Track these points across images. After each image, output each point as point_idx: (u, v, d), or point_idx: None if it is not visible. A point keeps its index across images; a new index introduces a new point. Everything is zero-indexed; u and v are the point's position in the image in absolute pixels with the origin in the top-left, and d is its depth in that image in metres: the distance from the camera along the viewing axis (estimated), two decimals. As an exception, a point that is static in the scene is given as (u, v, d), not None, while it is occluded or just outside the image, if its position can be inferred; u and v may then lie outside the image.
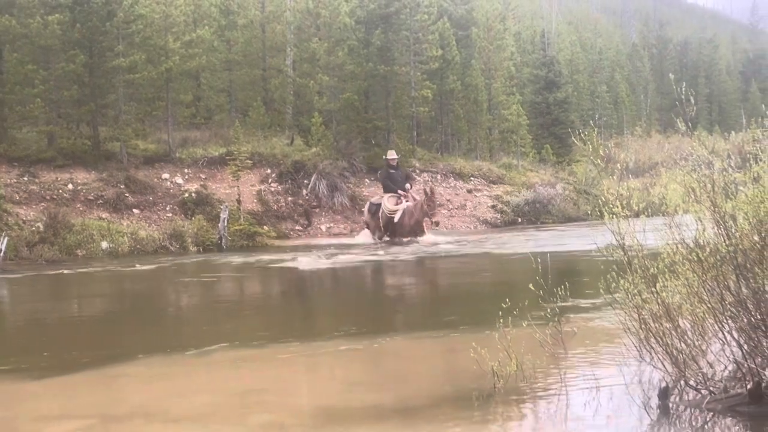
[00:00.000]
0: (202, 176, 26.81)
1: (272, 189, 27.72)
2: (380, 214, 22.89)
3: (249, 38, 33.14)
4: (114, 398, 6.46)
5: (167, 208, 24.72)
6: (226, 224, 22.52)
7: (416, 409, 5.77)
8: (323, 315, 11.32)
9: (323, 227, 27.42)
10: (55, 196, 23.08)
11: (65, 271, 17.16)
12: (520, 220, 30.13)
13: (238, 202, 24.28)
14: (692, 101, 5.97)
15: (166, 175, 26.28)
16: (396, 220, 22.10)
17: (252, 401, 6.15)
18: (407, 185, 23.59)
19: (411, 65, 32.59)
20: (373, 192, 29.50)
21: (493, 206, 30.69)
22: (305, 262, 17.48)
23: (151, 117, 28.26)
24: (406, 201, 22.58)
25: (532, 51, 53.05)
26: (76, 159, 24.88)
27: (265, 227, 24.66)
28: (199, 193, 25.40)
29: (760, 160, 5.63)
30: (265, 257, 19.36)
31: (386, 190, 23.50)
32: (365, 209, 24.49)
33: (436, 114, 35.91)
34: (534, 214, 30.42)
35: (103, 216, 23.08)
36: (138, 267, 17.74)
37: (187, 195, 25.22)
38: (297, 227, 26.95)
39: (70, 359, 7.91)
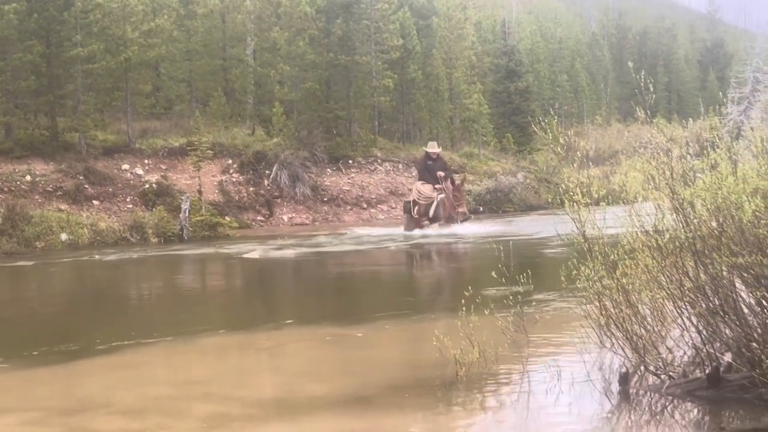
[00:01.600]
0: (163, 167, 26.58)
1: (233, 179, 27.57)
2: (413, 201, 22.39)
3: (209, 28, 32.84)
4: (67, 391, 6.40)
5: (127, 200, 24.50)
6: (187, 215, 22.34)
7: (375, 397, 5.78)
8: (285, 304, 11.29)
9: (285, 217, 27.35)
10: (12, 188, 22.77)
11: (27, 263, 16.98)
12: (482, 208, 30.23)
13: (200, 192, 24.10)
14: (651, 89, 6.00)
15: (126, 166, 26.02)
16: (432, 209, 21.83)
17: (200, 392, 6.12)
18: (440, 173, 22.48)
19: (372, 55, 32.56)
20: (335, 181, 29.48)
21: (455, 196, 30.74)
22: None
23: (110, 107, 27.93)
24: (440, 194, 22.03)
25: (492, 40, 53.14)
26: (34, 150, 24.54)
27: (226, 218, 24.51)
28: (160, 184, 25.20)
29: (717, 147, 5.69)
30: (238, 248, 19.25)
31: (421, 179, 22.91)
32: (402, 209, 23.71)
33: (397, 104, 35.92)
34: (496, 203, 30.58)
35: (62, 207, 22.81)
36: (97, 258, 17.59)
37: (147, 186, 25.01)
38: (259, 217, 26.85)
39: (29, 352, 7.82)
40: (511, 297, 6.46)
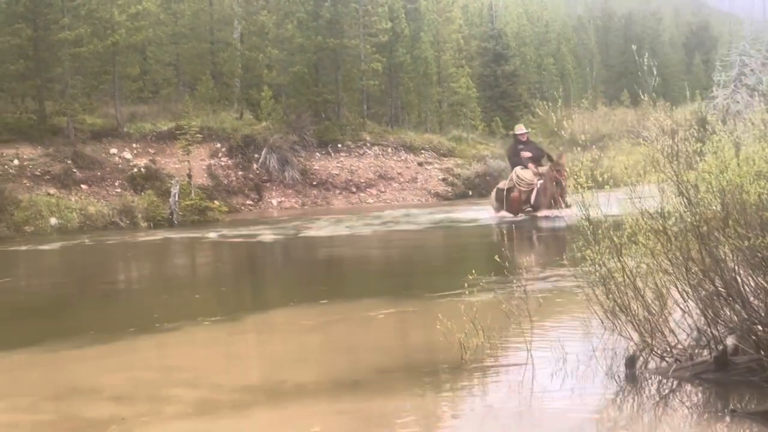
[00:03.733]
0: (151, 151, 26.49)
1: (222, 163, 27.51)
2: (515, 188, 20.00)
3: (196, 11, 32.69)
4: (56, 376, 6.37)
5: (116, 184, 24.42)
6: (176, 199, 22.26)
7: (385, 380, 5.78)
8: (282, 286, 11.27)
9: (274, 201, 27.32)
10: (0, 172, 22.63)
11: (19, 248, 16.90)
12: (470, 192, 30.26)
13: (189, 176, 24.02)
14: (654, 72, 6.02)
15: (114, 150, 25.93)
16: (534, 196, 19.63)
17: (188, 378, 6.11)
18: (526, 154, 20.29)
19: (360, 38, 32.47)
20: (324, 165, 29.42)
21: (443, 179, 30.81)
22: None
23: (98, 91, 27.83)
24: (540, 179, 19.68)
25: (479, 24, 53.07)
26: (22, 134, 24.43)
27: (215, 202, 24.45)
28: (149, 168, 25.13)
29: (717, 130, 5.70)
30: (235, 231, 19.18)
31: (513, 166, 20.65)
32: (492, 197, 21.11)
33: (385, 87, 35.87)
34: (484, 187, 30.52)
35: (51, 192, 22.71)
36: (87, 242, 17.53)
37: (136, 170, 24.93)
38: (248, 202, 26.83)
39: (16, 337, 7.80)
40: (514, 280, 6.45)
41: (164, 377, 6.24)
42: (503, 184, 20.36)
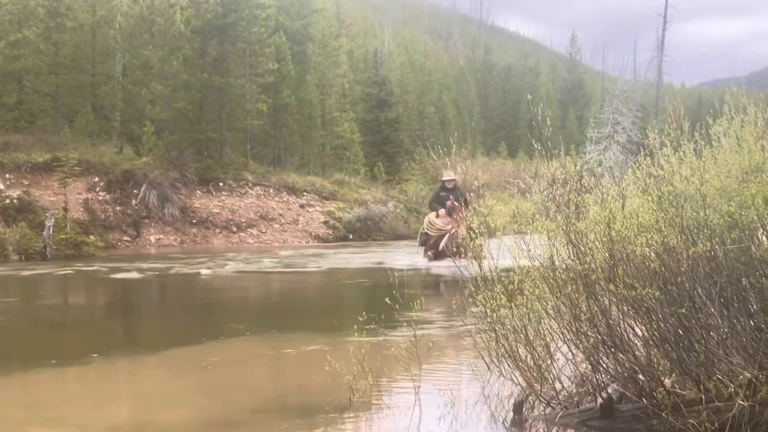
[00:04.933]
0: (26, 182, 25.63)
1: (100, 198, 26.84)
2: (426, 231, 19.99)
3: (78, 42, 31.88)
4: None
5: (-14, 214, 23.51)
6: (51, 233, 21.58)
7: (260, 421, 5.71)
8: (156, 326, 11.03)
9: (152, 238, 26.78)
10: None
11: None
12: (351, 236, 30.38)
13: (65, 210, 23.34)
14: (548, 123, 6.21)
15: (-15, 180, 25.01)
16: (442, 243, 19.11)
17: (50, 416, 5.93)
18: (449, 202, 19.58)
19: (246, 78, 32.35)
20: (204, 204, 29.08)
21: (325, 222, 30.84)
22: None
23: (-30, 119, 26.83)
24: (452, 226, 19.14)
25: (364, 69, 53.69)
26: None
27: (91, 237, 23.81)
28: (22, 200, 24.28)
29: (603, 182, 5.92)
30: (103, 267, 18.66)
31: (433, 209, 20.44)
32: (418, 241, 20.98)
33: (269, 128, 35.85)
34: (365, 231, 30.76)
35: None
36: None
37: (8, 201, 24.05)
38: (125, 238, 26.22)
39: None
40: (404, 323, 6.49)
41: (29, 415, 6.02)
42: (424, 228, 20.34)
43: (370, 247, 26.82)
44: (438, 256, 19.18)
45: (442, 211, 19.62)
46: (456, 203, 19.08)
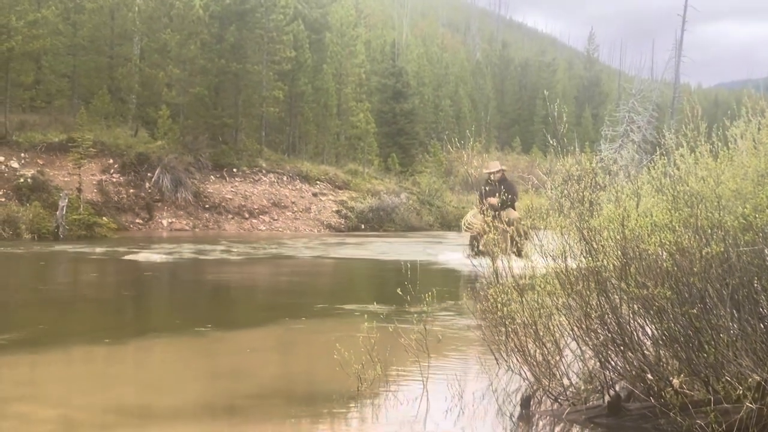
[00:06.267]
0: (40, 162, 25.74)
1: (114, 180, 26.92)
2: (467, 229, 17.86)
3: (97, 23, 31.98)
4: None
5: (0, 193, 23.61)
6: (64, 213, 21.67)
7: (266, 407, 5.73)
8: (166, 309, 11.05)
9: (164, 222, 26.85)
10: None
11: None
12: (363, 226, 30.38)
13: (79, 191, 23.45)
14: (564, 119, 6.20)
15: (0, 158, 25.09)
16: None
17: (54, 396, 5.95)
18: (492, 200, 16.34)
19: (264, 64, 32.37)
20: (217, 189, 29.14)
21: (337, 211, 30.85)
22: None
23: (-13, 97, 26.94)
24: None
25: (381, 60, 53.61)
26: None
27: (104, 218, 23.90)
28: (36, 179, 24.37)
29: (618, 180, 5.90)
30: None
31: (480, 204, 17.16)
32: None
33: (285, 115, 35.84)
34: (377, 222, 30.75)
35: (-70, 197, 21.82)
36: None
37: (22, 180, 24.15)
38: (137, 220, 26.30)
39: None
40: (415, 315, 6.48)
41: (34, 393, 6.05)
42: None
43: (390, 237, 26.79)
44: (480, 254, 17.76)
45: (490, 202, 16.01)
46: (494, 200, 16.26)
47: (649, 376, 5.16)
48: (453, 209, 33.91)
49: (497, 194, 16.48)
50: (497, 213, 14.85)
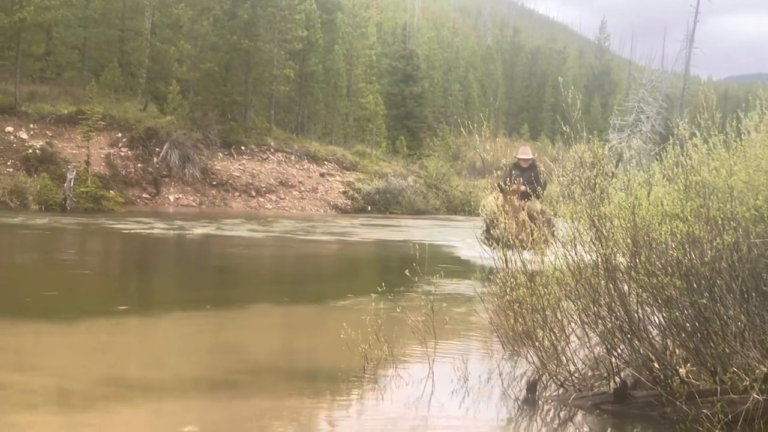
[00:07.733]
0: (49, 133, 25.75)
1: (122, 154, 26.94)
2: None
3: (109, -4, 31.97)
4: None
5: (8, 163, 23.64)
6: (72, 185, 21.69)
7: (266, 383, 5.74)
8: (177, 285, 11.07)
9: (171, 197, 26.88)
10: None
11: None
12: (369, 208, 30.40)
13: (87, 163, 23.44)
14: (578, 105, 6.18)
15: (9, 128, 25.11)
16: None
17: (51, 368, 5.96)
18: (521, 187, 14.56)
19: (275, 43, 32.30)
20: (225, 166, 29.16)
21: (344, 192, 30.87)
22: None
23: (-4, 66, 26.94)
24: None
25: (392, 42, 53.50)
26: None
27: (111, 192, 23.92)
28: (45, 151, 24.40)
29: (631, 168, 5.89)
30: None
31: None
32: None
33: (295, 95, 35.79)
34: (384, 204, 30.76)
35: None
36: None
37: (31, 151, 24.18)
38: (145, 195, 26.33)
39: None
40: (422, 296, 6.48)
41: (33, 362, 6.06)
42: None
43: (403, 220, 26.76)
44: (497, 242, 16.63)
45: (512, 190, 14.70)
46: (522, 187, 14.53)
47: (656, 364, 5.17)
48: (460, 194, 33.91)
49: (525, 182, 14.78)
50: (522, 201, 14.84)
